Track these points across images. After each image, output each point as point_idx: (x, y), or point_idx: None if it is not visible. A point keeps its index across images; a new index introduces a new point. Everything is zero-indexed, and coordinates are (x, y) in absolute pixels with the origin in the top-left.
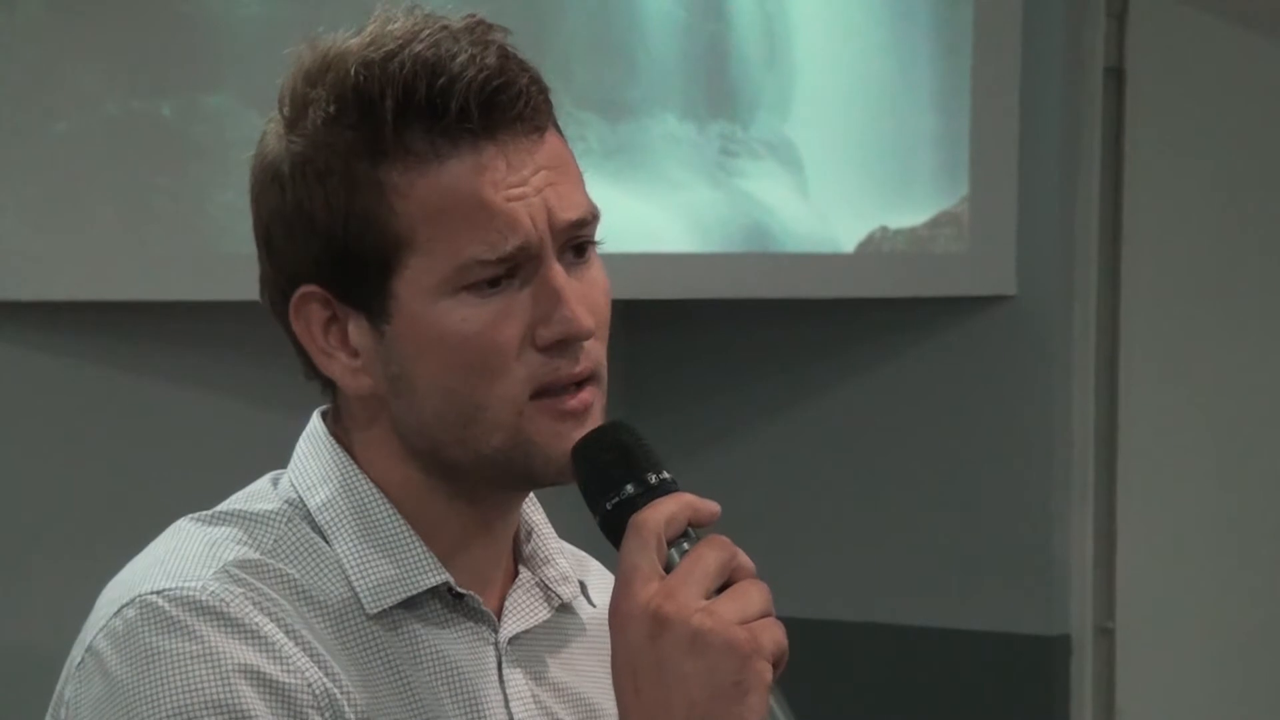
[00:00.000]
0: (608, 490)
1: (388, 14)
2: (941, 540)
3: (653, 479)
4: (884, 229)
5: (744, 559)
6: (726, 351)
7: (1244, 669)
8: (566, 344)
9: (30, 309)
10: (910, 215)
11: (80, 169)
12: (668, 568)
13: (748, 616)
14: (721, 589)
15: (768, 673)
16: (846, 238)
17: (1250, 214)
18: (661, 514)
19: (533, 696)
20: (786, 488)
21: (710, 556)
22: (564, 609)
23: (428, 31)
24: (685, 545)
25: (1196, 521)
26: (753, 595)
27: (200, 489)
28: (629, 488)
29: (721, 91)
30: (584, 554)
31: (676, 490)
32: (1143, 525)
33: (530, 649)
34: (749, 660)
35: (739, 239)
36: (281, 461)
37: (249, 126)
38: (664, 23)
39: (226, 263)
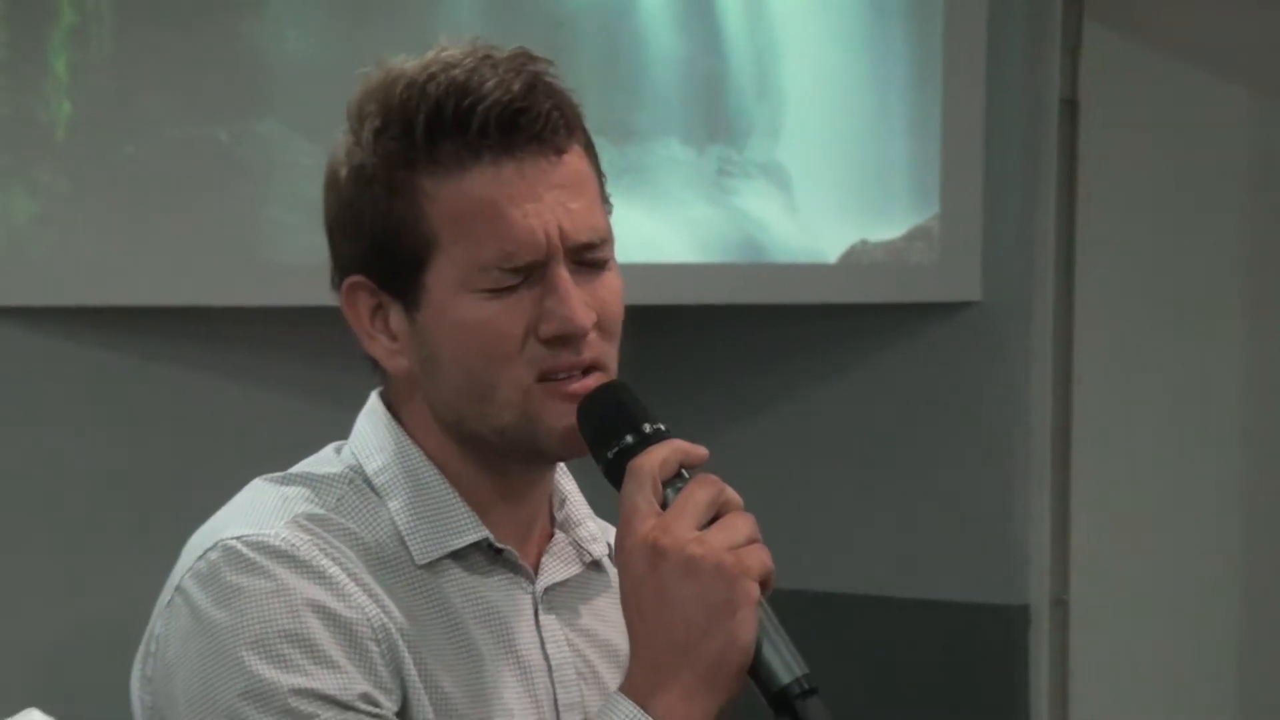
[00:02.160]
0: (609, 440)
1: (446, 44)
2: (914, 519)
3: (647, 429)
4: (864, 242)
5: (731, 494)
6: (723, 350)
7: (1186, 637)
8: (566, 338)
9: (101, 313)
10: (887, 230)
11: (146, 188)
12: (664, 505)
13: (736, 543)
14: (712, 521)
15: (755, 591)
16: (830, 249)
17: (1189, 231)
18: (656, 458)
19: (565, 639)
20: (775, 470)
21: (700, 493)
22: (593, 566)
23: (470, 59)
24: (679, 484)
25: (1143, 503)
26: (739, 525)
27: (244, 471)
28: (628, 438)
29: (718, 119)
30: (610, 525)
31: (669, 437)
32: (1094, 506)
33: (563, 599)
34: (737, 581)
35: (734, 250)
36: (314, 445)
37: (294, 150)
38: (667, 57)
39: (272, 272)
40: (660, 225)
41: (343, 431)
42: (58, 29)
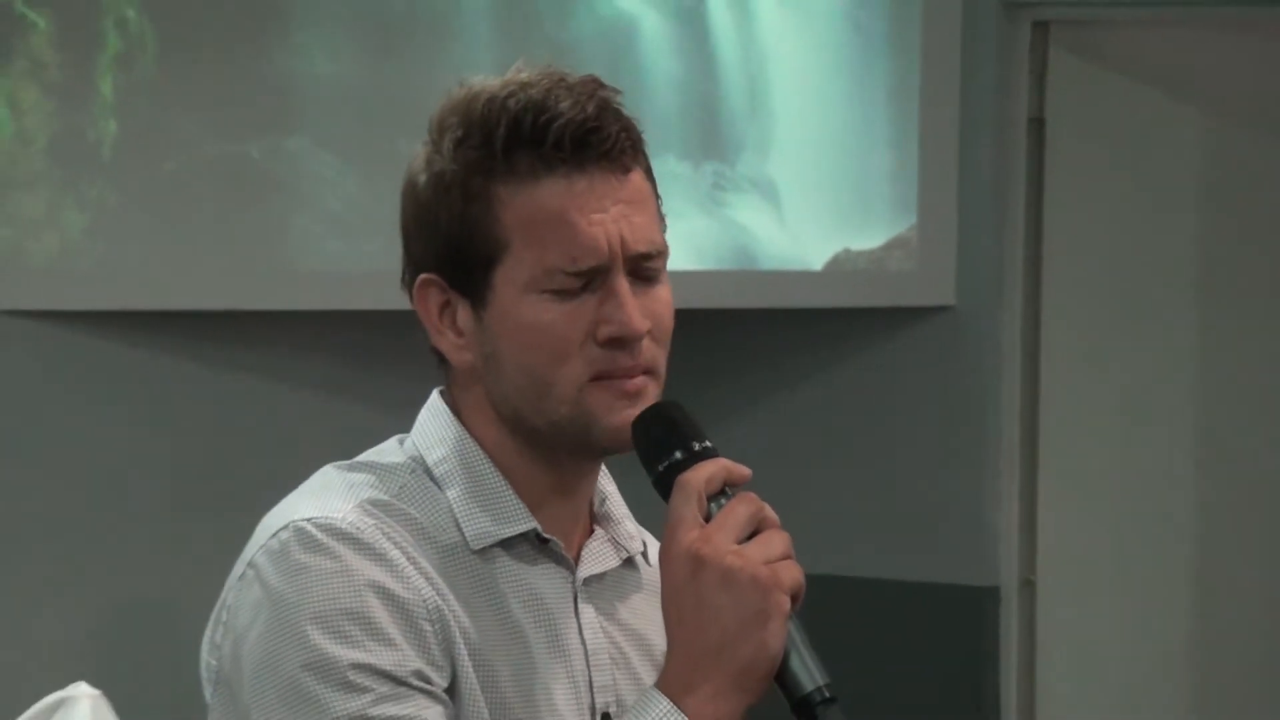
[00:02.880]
0: (660, 455)
1: (522, 67)
2: (893, 506)
3: (696, 446)
4: (847, 250)
5: (769, 512)
6: (717, 351)
7: (1143, 613)
8: (623, 341)
9: (144, 317)
10: (868, 239)
11: (185, 201)
12: (707, 518)
13: (771, 558)
14: (751, 537)
15: (786, 604)
16: (815, 257)
17: (1146, 240)
18: (702, 474)
19: (600, 627)
20: (766, 459)
21: (741, 509)
22: (628, 563)
23: (546, 81)
24: (722, 500)
25: (1104, 491)
26: (775, 541)
27: (274, 461)
28: (677, 454)
29: (713, 137)
30: (644, 529)
31: (716, 456)
32: (1059, 494)
33: (600, 590)
34: (770, 593)
35: (727, 258)
36: (337, 437)
37: (320, 165)
38: (666, 82)
39: (300, 278)
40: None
41: (363, 425)
42: (104, 55)
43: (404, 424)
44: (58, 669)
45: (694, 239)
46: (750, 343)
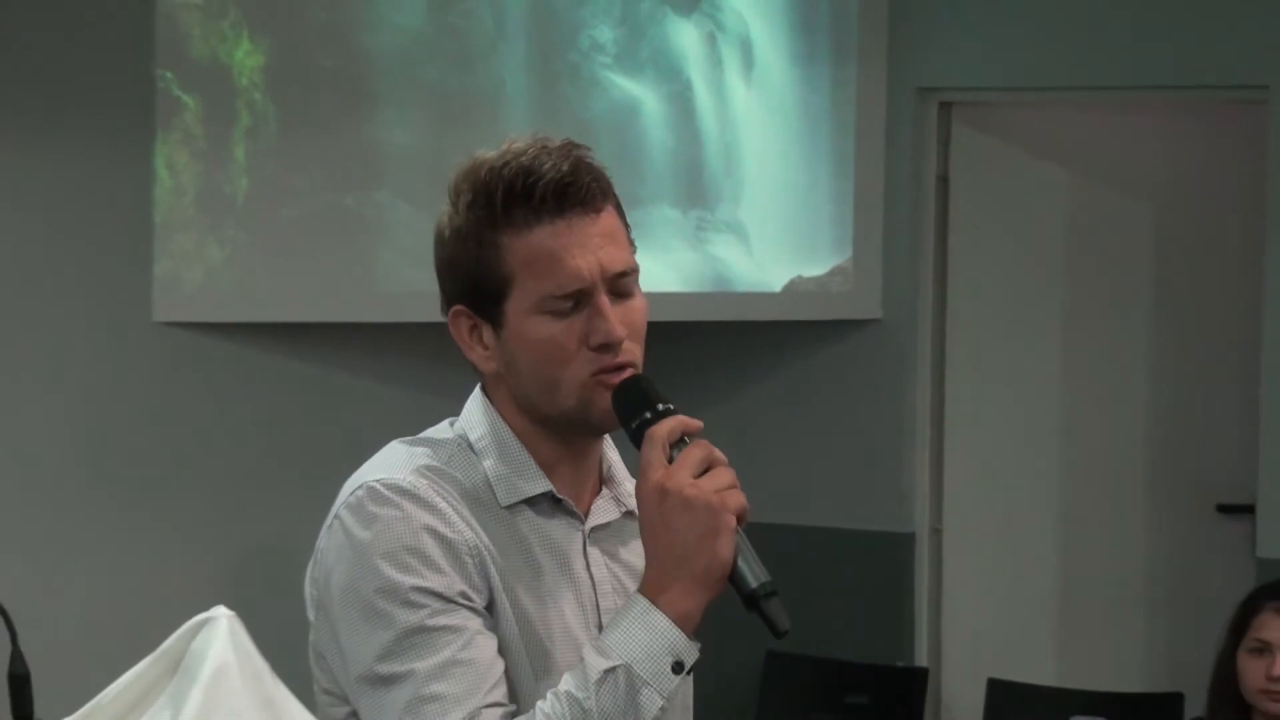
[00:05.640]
0: (632, 415)
1: (515, 138)
2: (830, 467)
3: (660, 407)
4: (800, 276)
5: (718, 454)
6: (699, 354)
7: (1023, 555)
8: (608, 346)
9: (268, 326)
10: (816, 268)
11: (298, 239)
12: (670, 460)
13: (720, 487)
14: (704, 473)
15: (732, 521)
16: (776, 282)
17: (1024, 272)
18: (665, 427)
19: (605, 564)
20: (739, 433)
21: (696, 452)
22: (628, 515)
23: (533, 149)
24: (681, 446)
25: (994, 459)
26: (723, 475)
27: (360, 437)
28: (646, 413)
29: (697, 190)
30: None
31: (675, 414)
32: (961, 462)
33: (605, 536)
34: (719, 514)
35: (708, 283)
36: (409, 418)
37: (399, 212)
38: (661, 148)
39: (384, 297)
40: (654, 265)
41: (424, 409)
42: (238, 128)
43: (457, 410)
44: (198, 598)
45: (682, 268)
46: (725, 347)
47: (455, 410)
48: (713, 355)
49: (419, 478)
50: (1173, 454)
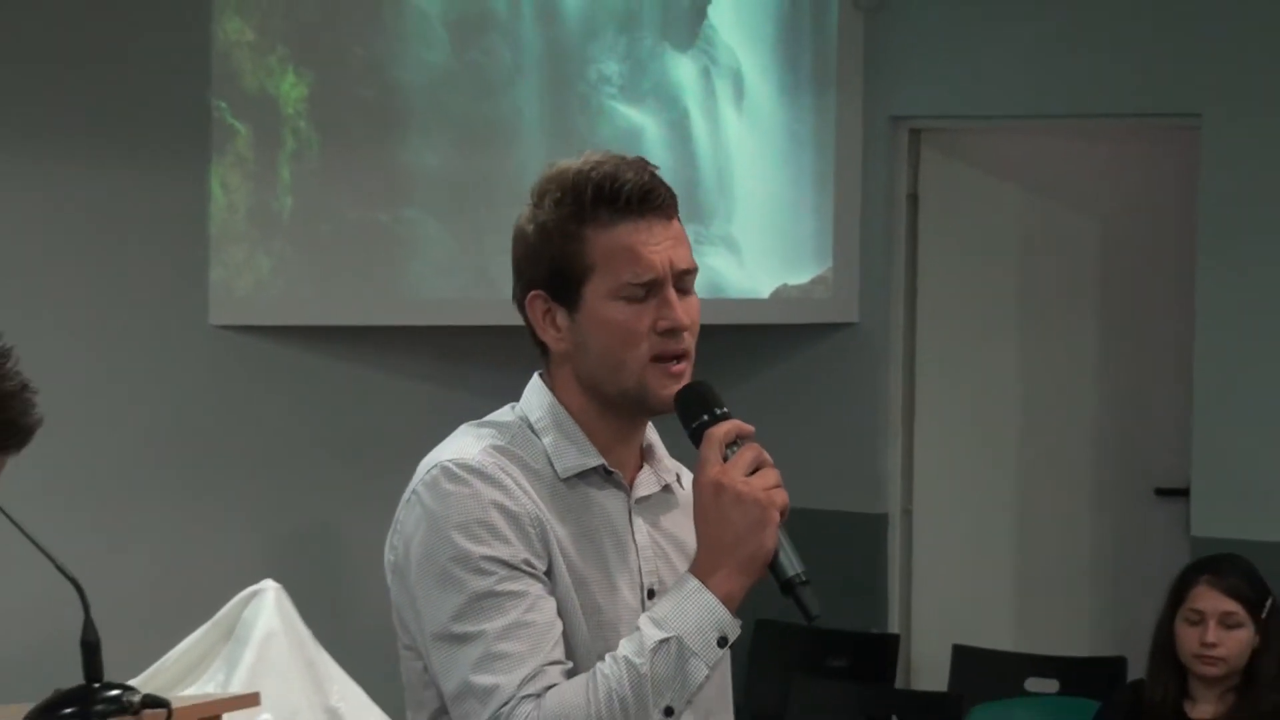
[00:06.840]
0: (693, 417)
1: (592, 152)
2: (811, 452)
3: (718, 411)
4: (785, 284)
5: (767, 456)
6: (697, 355)
7: (984, 533)
8: (674, 332)
9: (311, 329)
10: (800, 276)
11: (337, 252)
12: (725, 459)
13: (767, 486)
14: (754, 472)
15: (777, 517)
16: (764, 289)
17: (985, 282)
18: (721, 430)
19: (647, 532)
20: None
21: (748, 454)
22: (667, 489)
23: (614, 161)
24: (735, 447)
25: (959, 447)
26: (770, 474)
27: (399, 430)
28: (704, 416)
29: (694, 207)
30: (679, 464)
31: (730, 418)
32: (930, 449)
33: (648, 507)
34: (767, 509)
35: (703, 290)
36: (443, 415)
37: (429, 228)
38: (661, 170)
39: (416, 303)
40: None
41: (454, 404)
42: (284, 151)
43: (481, 403)
44: (248, 572)
45: None
46: (719, 348)
47: (476, 404)
48: (708, 355)
49: (486, 456)
50: (1116, 443)
